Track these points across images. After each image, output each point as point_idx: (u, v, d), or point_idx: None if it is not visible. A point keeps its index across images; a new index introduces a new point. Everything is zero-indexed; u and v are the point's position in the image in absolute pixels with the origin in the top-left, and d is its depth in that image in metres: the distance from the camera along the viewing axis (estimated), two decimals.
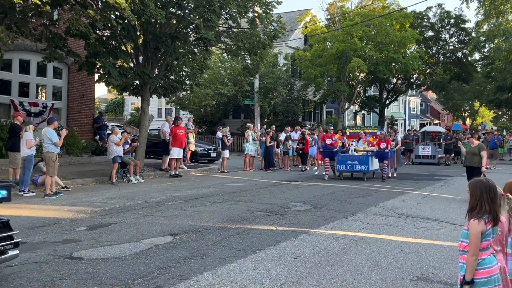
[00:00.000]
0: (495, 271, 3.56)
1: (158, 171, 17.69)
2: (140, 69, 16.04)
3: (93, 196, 11.78)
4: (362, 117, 53.75)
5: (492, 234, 3.63)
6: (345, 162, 16.31)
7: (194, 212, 9.61)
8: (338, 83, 33.06)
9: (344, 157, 16.46)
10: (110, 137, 14.88)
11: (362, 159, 16.24)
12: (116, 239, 7.15)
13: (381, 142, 17.04)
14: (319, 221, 8.98)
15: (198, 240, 7.13)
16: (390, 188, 14.73)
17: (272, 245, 6.91)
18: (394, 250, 6.87)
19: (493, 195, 3.60)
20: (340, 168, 16.46)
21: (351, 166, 16.27)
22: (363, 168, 16.18)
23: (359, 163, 16.17)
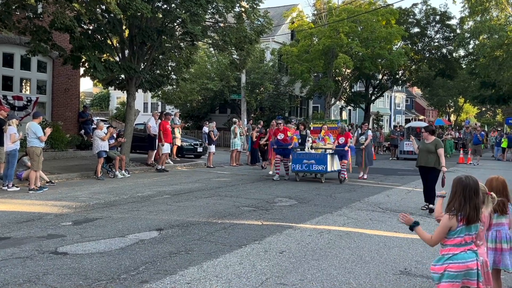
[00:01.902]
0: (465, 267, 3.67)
1: (143, 166, 17.63)
2: (125, 63, 15.94)
3: (78, 191, 11.72)
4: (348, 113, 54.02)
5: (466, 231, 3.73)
6: (300, 161, 14.51)
7: (180, 207, 9.62)
8: (324, 78, 33.18)
9: (299, 155, 14.63)
10: (96, 131, 14.79)
11: (319, 158, 14.38)
12: (101, 234, 7.13)
13: (339, 137, 15.22)
14: (304, 216, 9.05)
15: (184, 235, 7.15)
16: (375, 183, 14.86)
17: (257, 240, 6.95)
18: (378, 244, 6.96)
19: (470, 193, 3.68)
20: (295, 168, 14.58)
21: (307, 166, 14.45)
22: (320, 169, 14.30)
23: (316, 163, 14.36)
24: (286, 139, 15.31)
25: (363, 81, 41.74)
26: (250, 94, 32.40)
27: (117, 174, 14.65)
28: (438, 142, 9.70)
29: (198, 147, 23.09)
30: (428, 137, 9.80)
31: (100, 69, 14.60)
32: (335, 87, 34.43)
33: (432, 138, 9.78)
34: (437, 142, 9.67)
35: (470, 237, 3.74)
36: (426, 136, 9.82)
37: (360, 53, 31.80)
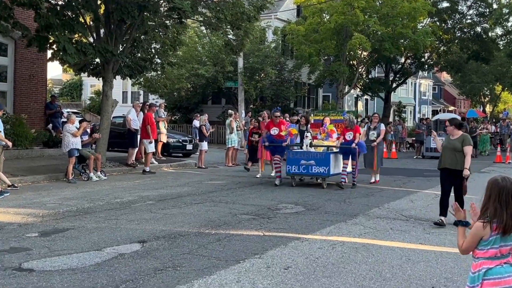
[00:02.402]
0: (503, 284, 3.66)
1: (123, 166, 17.64)
2: (101, 45, 15.92)
3: (45, 196, 11.73)
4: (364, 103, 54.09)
5: (501, 242, 3.71)
6: (297, 162, 13.94)
7: (166, 215, 9.62)
8: (336, 62, 33.16)
9: (295, 155, 14.09)
10: (66, 126, 14.78)
11: (321, 158, 13.82)
12: (73, 247, 7.14)
13: (346, 131, 14.58)
14: (313, 225, 9.05)
15: (171, 248, 7.16)
16: (396, 186, 14.87)
17: (258, 254, 6.96)
18: (401, 259, 6.97)
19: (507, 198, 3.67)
20: (291, 171, 14.06)
21: (306, 168, 13.88)
22: (322, 171, 13.78)
23: (316, 164, 13.79)
24: (280, 134, 14.91)
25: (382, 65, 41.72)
26: (249, 82, 32.39)
27: (91, 177, 14.66)
28: (465, 138, 9.24)
29: (187, 144, 23.12)
30: (453, 132, 9.29)
31: (71, 51, 14.57)
32: (349, 72, 34.43)
33: (458, 133, 9.28)
34: (464, 137, 9.22)
35: (507, 249, 3.74)
36: (451, 131, 9.32)
37: (378, 32, 31.77)
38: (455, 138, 9.25)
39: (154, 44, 19.85)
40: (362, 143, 14.59)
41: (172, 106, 36.11)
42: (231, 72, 32.62)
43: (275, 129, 14.96)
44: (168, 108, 34.01)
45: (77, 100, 45.39)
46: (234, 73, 32.65)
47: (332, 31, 31.54)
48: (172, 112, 35.97)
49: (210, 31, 21.87)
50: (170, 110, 35.28)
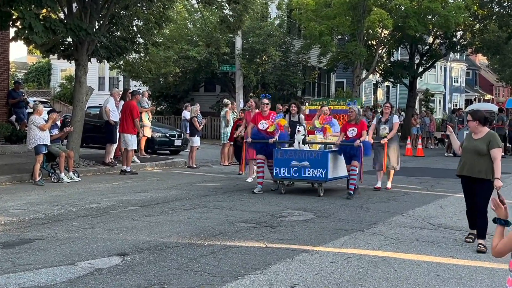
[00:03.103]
0: None
1: (99, 165, 17.66)
2: (73, 22, 15.90)
3: (8, 200, 11.73)
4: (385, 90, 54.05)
5: None
6: (287, 164, 13.30)
7: (150, 224, 9.63)
8: (352, 43, 33.11)
9: (285, 154, 13.42)
10: (32, 117, 14.79)
11: (316, 159, 13.17)
12: (41, 261, 7.15)
13: (349, 126, 13.74)
14: (325, 235, 9.06)
15: (156, 262, 7.17)
16: (423, 189, 14.88)
17: (259, 269, 6.97)
18: (428, 275, 6.98)
19: None
20: (279, 174, 13.47)
21: (298, 171, 13.24)
22: (318, 175, 13.16)
23: (311, 165, 13.16)
24: (267, 130, 13.96)
25: (407, 46, 41.61)
26: (248, 65, 32.37)
27: (62, 177, 14.67)
28: (493, 137, 8.39)
29: (175, 139, 23.12)
30: (476, 129, 8.48)
31: (38, 29, 14.55)
32: (368, 55, 34.37)
33: (483, 130, 8.46)
34: (491, 137, 8.37)
35: None
36: (473, 128, 8.50)
37: (402, 7, 31.72)
38: (479, 138, 8.43)
39: (136, 21, 19.83)
40: (368, 144, 13.65)
41: (157, 94, 36.08)
42: (228, 55, 32.56)
43: (263, 122, 13.96)
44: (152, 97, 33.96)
45: (45, 87, 45.31)
46: (231, 56, 32.61)
47: (347, 5, 31.48)
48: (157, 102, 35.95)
49: (203, 6, 21.82)
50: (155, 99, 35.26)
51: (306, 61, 37.02)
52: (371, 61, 35.41)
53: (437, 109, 61.09)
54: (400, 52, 47.88)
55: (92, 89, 19.15)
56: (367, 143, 13.61)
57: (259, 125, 14.01)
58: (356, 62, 33.70)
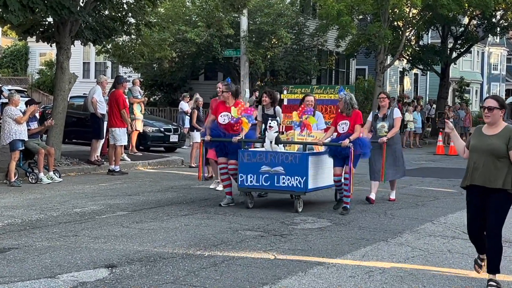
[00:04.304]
0: None
1: (84, 164, 17.70)
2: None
3: None
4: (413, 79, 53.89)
5: None
6: (255, 169, 11.96)
7: (142, 231, 9.64)
8: (375, 24, 33.05)
9: (253, 157, 12.05)
10: (7, 109, 14.81)
11: (293, 163, 11.78)
12: (17, 273, 7.17)
13: (339, 119, 12.28)
14: (342, 245, 9.04)
15: (150, 276, 7.18)
16: (456, 192, 14.84)
17: (267, 284, 6.97)
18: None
19: None
20: (245, 183, 12.11)
21: (269, 178, 11.88)
22: (295, 185, 11.75)
23: (286, 172, 11.78)
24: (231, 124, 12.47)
25: (438, 28, 41.53)
26: (255, 49, 32.31)
27: (41, 178, 14.69)
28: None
29: (171, 134, 23.13)
30: (491, 122, 7.04)
31: (14, 7, 14.57)
32: (393, 38, 34.30)
33: (500, 124, 7.05)
34: (511, 133, 6.94)
35: None
36: (491, 119, 7.02)
37: None
38: (495, 134, 7.00)
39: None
40: (364, 141, 12.25)
41: (150, 82, 36.10)
42: (231, 37, 32.51)
43: (225, 114, 12.48)
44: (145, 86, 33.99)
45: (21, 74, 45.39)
46: (235, 38, 32.56)
47: None
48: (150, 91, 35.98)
49: None
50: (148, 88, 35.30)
51: (322, 45, 36.95)
52: (397, 45, 35.32)
53: (473, 100, 60.82)
54: (431, 34, 47.75)
55: (76, 76, 19.18)
56: (364, 141, 12.16)
57: (219, 118, 12.47)
58: (379, 46, 33.64)
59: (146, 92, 33.00)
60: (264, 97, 13.38)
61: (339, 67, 42.32)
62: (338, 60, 41.40)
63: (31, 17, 16.57)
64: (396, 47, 35.34)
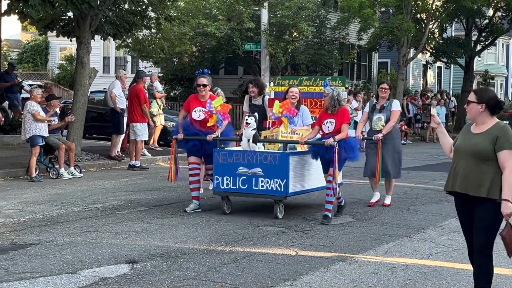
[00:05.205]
0: None
1: (104, 159, 17.77)
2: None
3: (0, 199, 11.84)
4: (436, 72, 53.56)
5: None
6: (231, 171, 11.00)
7: (163, 227, 9.69)
8: (398, 16, 32.87)
9: (229, 157, 11.08)
10: (28, 104, 14.88)
11: (273, 164, 10.77)
12: (39, 268, 7.23)
13: (325, 117, 11.00)
14: (365, 241, 9.05)
15: (170, 271, 7.21)
16: None
17: (289, 280, 6.99)
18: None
19: None
20: (221, 186, 11.06)
21: (247, 181, 10.90)
22: (275, 188, 10.73)
23: (264, 174, 10.77)
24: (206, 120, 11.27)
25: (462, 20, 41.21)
26: (276, 43, 32.23)
27: (62, 173, 14.77)
28: (503, 131, 6.01)
29: None
30: (478, 118, 6.16)
31: (35, 2, 14.65)
32: (416, 30, 34.07)
33: (489, 121, 6.13)
34: (500, 132, 6.00)
35: None
36: (475, 114, 6.17)
37: None
38: (482, 133, 6.11)
39: None
40: (351, 143, 11.02)
41: (170, 77, 36.09)
42: (252, 31, 32.44)
43: (199, 110, 11.36)
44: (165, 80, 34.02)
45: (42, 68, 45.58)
46: (255, 32, 32.49)
47: None
48: (170, 86, 36.00)
49: None
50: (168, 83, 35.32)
51: (344, 38, 36.77)
52: (420, 38, 35.09)
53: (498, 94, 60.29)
54: (455, 27, 47.37)
55: (96, 71, 19.25)
56: (350, 143, 10.97)
57: (192, 113, 11.38)
58: (402, 39, 33.44)
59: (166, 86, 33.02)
60: (251, 87, 12.59)
61: (361, 60, 42.10)
62: (360, 53, 41.19)
63: (51, 12, 16.65)
64: (419, 40, 35.11)
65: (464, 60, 41.87)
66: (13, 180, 14.46)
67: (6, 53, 39.98)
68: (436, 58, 42.44)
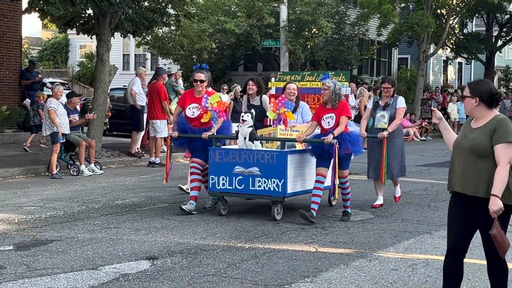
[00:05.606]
0: None
1: (124, 156, 17.85)
2: None
3: (22, 196, 11.95)
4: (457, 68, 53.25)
5: None
6: (227, 170, 10.56)
7: (183, 223, 9.72)
8: (418, 12, 32.71)
9: (225, 156, 10.64)
10: (48, 101, 14.97)
11: (270, 163, 10.33)
12: (60, 265, 7.29)
13: (322, 112, 10.56)
14: (385, 238, 9.03)
15: (190, 268, 7.23)
16: None
17: (309, 276, 6.99)
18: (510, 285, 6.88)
19: None
20: (216, 186, 10.61)
21: (243, 181, 10.48)
22: (272, 188, 10.28)
23: (262, 174, 10.33)
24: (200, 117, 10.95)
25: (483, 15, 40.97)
26: (295, 39, 32.21)
27: (83, 170, 14.84)
28: (500, 125, 5.61)
29: None
30: (475, 112, 5.81)
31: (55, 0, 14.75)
32: (437, 26, 33.91)
33: (487, 115, 5.75)
34: (498, 125, 5.62)
35: None
36: (470, 108, 5.85)
37: None
38: (479, 127, 5.75)
39: None
40: (356, 136, 10.69)
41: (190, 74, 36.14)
42: (271, 27, 32.44)
43: (194, 107, 10.99)
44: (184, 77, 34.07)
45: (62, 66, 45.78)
46: (274, 28, 32.49)
47: None
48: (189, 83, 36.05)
49: None
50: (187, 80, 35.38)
51: (363, 34, 36.68)
52: (441, 34, 34.93)
53: None
54: (475, 22, 47.07)
55: (116, 68, 19.31)
56: (355, 136, 10.60)
57: (187, 110, 10.99)
58: (422, 35, 33.30)
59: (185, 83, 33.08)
60: (251, 84, 12.15)
61: (380, 56, 41.94)
62: (380, 49, 41.04)
63: (71, 9, 16.73)
64: (439, 35, 34.95)
65: (485, 56, 41.65)
66: (34, 177, 14.57)
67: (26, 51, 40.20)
68: (457, 54, 42.22)
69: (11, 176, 14.41)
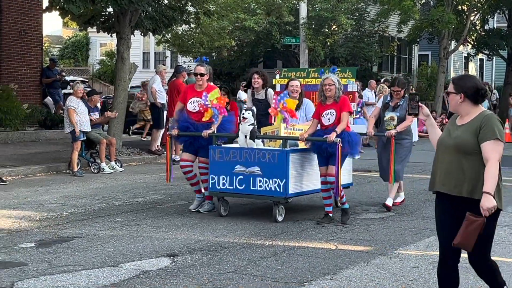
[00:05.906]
0: None
1: (145, 154, 17.90)
2: None
3: (43, 193, 12.03)
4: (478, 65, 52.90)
5: None
6: (227, 169, 10.30)
7: (203, 221, 9.76)
8: (439, 8, 32.52)
9: (225, 154, 10.37)
10: (68, 99, 15.04)
11: (271, 162, 10.03)
12: (81, 261, 7.34)
13: (324, 109, 10.04)
14: (406, 235, 9.01)
15: (210, 265, 7.26)
16: None
17: (329, 274, 7.00)
18: None
19: None
20: (217, 186, 10.32)
21: (243, 181, 10.18)
22: (274, 188, 9.98)
23: (263, 173, 10.04)
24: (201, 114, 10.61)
25: (505, 11, 40.62)
26: (315, 37, 32.12)
27: (103, 167, 14.92)
28: (486, 121, 5.38)
29: None
30: (460, 108, 5.58)
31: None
32: (457, 22, 33.70)
33: (473, 111, 5.52)
34: (484, 122, 5.39)
35: None
36: (454, 105, 5.62)
37: None
38: (464, 124, 5.53)
39: None
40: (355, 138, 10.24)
41: None
42: (291, 24, 32.39)
43: (195, 101, 10.64)
44: None
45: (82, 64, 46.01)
46: (294, 26, 32.43)
47: None
48: None
49: None
50: None
51: (384, 30, 36.50)
52: (462, 30, 34.69)
53: None
54: (497, 18, 46.68)
55: (136, 66, 19.40)
56: (354, 137, 10.18)
57: (188, 105, 10.67)
58: (443, 32, 33.10)
59: None
60: (256, 78, 11.87)
61: (401, 53, 41.73)
62: (400, 46, 40.84)
63: (92, 8, 16.80)
64: (460, 32, 34.72)
65: (506, 52, 41.28)
66: (56, 174, 14.67)
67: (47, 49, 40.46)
68: (478, 50, 41.90)
69: (33, 173, 14.50)
